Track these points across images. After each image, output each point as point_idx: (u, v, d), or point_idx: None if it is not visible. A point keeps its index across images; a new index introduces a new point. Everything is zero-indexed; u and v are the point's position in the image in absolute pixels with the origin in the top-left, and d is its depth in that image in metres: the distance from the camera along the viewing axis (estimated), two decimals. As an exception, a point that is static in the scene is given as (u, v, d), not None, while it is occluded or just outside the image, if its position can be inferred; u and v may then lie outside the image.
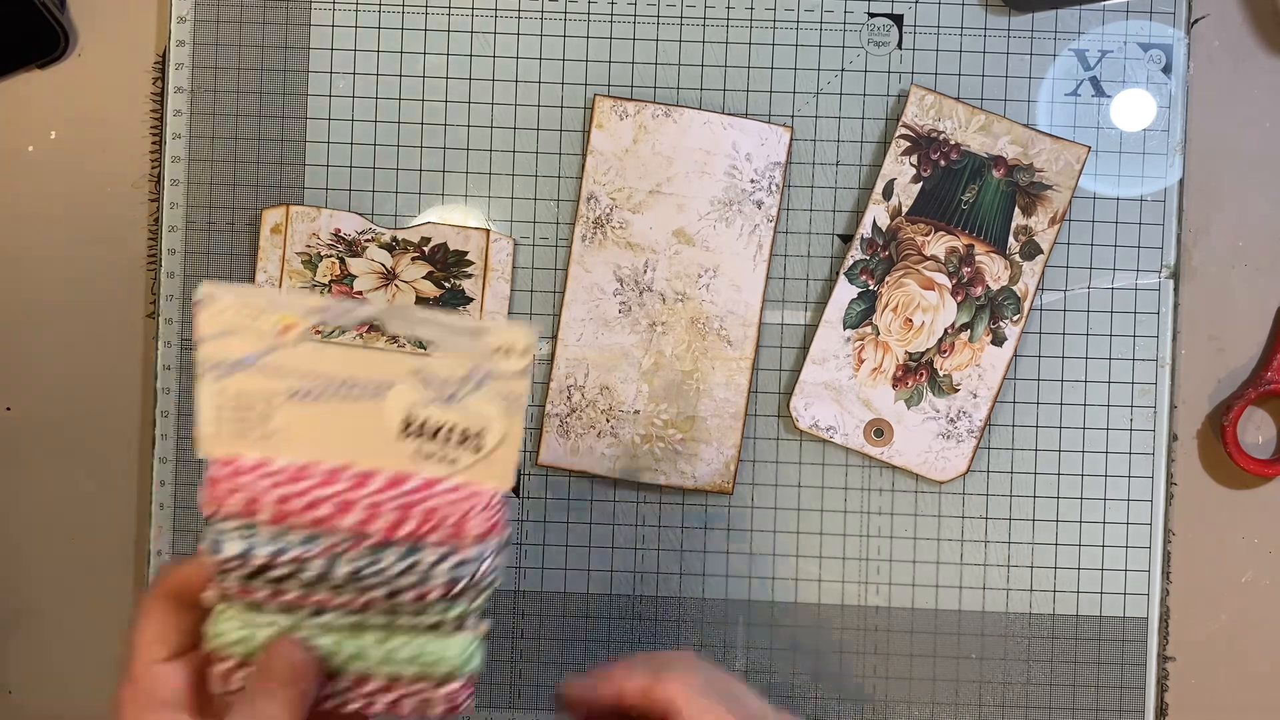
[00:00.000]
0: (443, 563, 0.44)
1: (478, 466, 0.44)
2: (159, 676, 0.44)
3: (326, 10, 0.64)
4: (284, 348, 0.43)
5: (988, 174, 0.63)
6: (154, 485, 0.65)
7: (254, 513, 0.43)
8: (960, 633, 0.64)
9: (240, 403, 0.43)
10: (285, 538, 0.43)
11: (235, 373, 0.43)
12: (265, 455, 0.44)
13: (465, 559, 0.44)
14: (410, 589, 0.44)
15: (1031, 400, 0.64)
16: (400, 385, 0.44)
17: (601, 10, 0.64)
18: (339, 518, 0.43)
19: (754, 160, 0.63)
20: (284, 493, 0.43)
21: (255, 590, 0.44)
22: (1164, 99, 0.64)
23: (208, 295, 0.42)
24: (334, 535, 0.43)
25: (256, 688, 0.43)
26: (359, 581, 0.43)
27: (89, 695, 0.66)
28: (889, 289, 0.63)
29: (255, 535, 0.43)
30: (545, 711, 0.65)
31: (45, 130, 0.65)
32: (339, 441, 0.44)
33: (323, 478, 0.43)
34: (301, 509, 0.43)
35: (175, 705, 0.44)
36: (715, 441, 0.64)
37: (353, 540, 0.43)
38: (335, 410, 0.44)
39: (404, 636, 0.45)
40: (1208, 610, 0.65)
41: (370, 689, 0.45)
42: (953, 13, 0.64)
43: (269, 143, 0.64)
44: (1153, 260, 0.64)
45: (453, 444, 0.44)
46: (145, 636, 0.45)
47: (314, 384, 0.43)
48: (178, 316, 0.64)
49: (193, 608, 0.45)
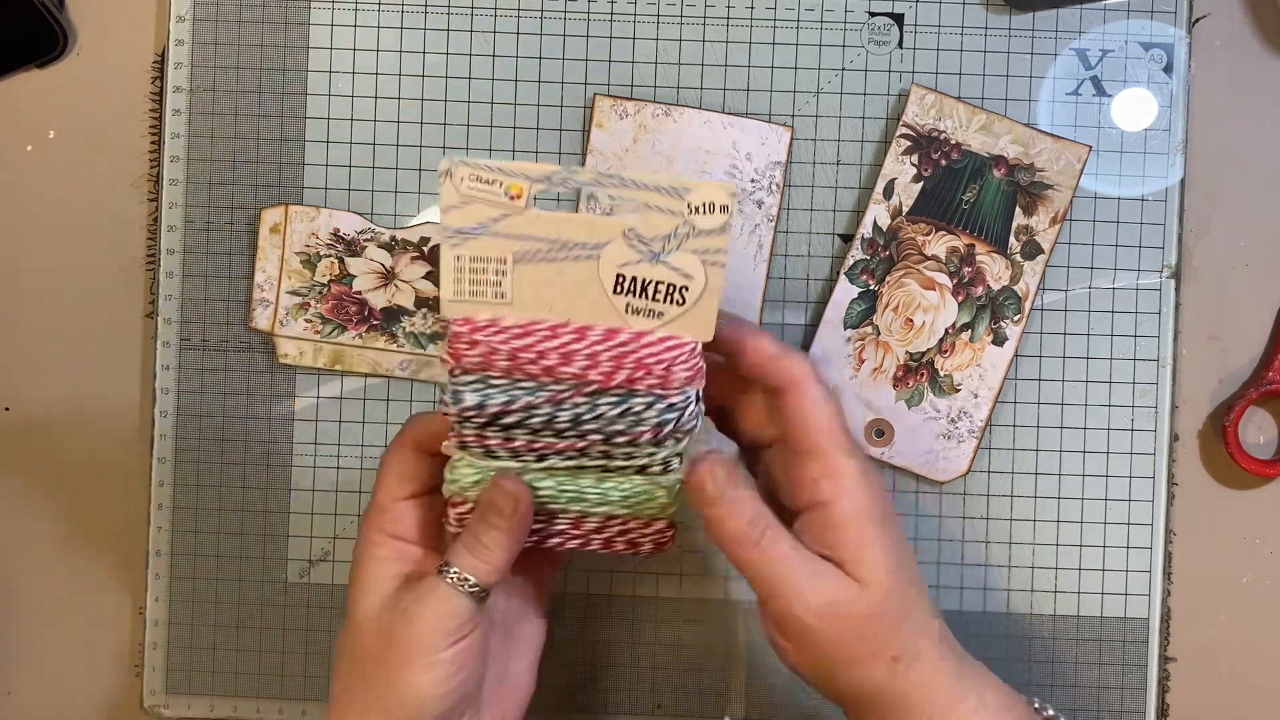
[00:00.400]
0: (652, 408, 0.49)
1: (681, 320, 0.49)
2: (398, 511, 0.51)
3: (326, 10, 0.64)
4: (513, 214, 0.48)
5: (988, 173, 0.63)
6: (154, 485, 0.65)
7: (489, 366, 0.49)
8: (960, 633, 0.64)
9: (476, 266, 0.49)
10: (515, 388, 0.49)
11: (472, 238, 0.48)
12: (496, 314, 0.49)
13: (671, 404, 0.49)
14: (623, 432, 0.49)
15: (1032, 400, 0.64)
16: (612, 245, 0.48)
17: (601, 10, 0.64)
18: (562, 367, 0.49)
19: (754, 160, 0.63)
20: (515, 346, 0.49)
21: (488, 438, 0.50)
22: (1165, 98, 0.63)
23: (448, 167, 0.47)
24: (558, 384, 0.49)
25: (479, 520, 0.50)
26: (579, 426, 0.49)
27: (89, 695, 0.66)
28: (890, 289, 0.63)
29: (489, 386, 0.49)
30: (545, 712, 0.65)
31: (44, 130, 0.65)
32: (560, 300, 0.49)
33: (547, 331, 0.49)
34: (530, 360, 0.49)
35: (408, 536, 0.52)
36: (715, 441, 0.63)
37: (574, 388, 0.49)
38: (556, 271, 0.49)
39: (618, 478, 0.50)
40: (1209, 611, 0.65)
41: (587, 528, 0.52)
42: (954, 12, 0.63)
43: (268, 143, 0.64)
44: (1154, 260, 0.64)
45: (660, 299, 0.49)
46: (389, 478, 0.52)
47: (537, 246, 0.48)
48: (177, 316, 0.64)
49: (432, 456, 0.51)
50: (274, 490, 0.65)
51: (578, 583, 0.65)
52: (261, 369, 0.64)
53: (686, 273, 0.48)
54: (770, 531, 0.50)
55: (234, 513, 0.65)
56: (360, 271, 0.64)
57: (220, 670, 0.65)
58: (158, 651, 0.65)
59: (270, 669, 0.65)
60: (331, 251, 0.64)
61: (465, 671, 0.50)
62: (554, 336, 0.49)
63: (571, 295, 0.49)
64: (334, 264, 0.64)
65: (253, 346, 0.64)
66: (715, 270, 0.48)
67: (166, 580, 0.65)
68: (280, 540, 0.65)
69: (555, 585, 0.60)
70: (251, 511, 0.65)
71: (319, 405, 0.65)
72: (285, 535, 0.65)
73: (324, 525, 0.64)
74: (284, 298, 0.64)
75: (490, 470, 0.50)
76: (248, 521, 0.65)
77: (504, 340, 0.49)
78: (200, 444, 0.65)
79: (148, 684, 0.65)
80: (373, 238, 0.64)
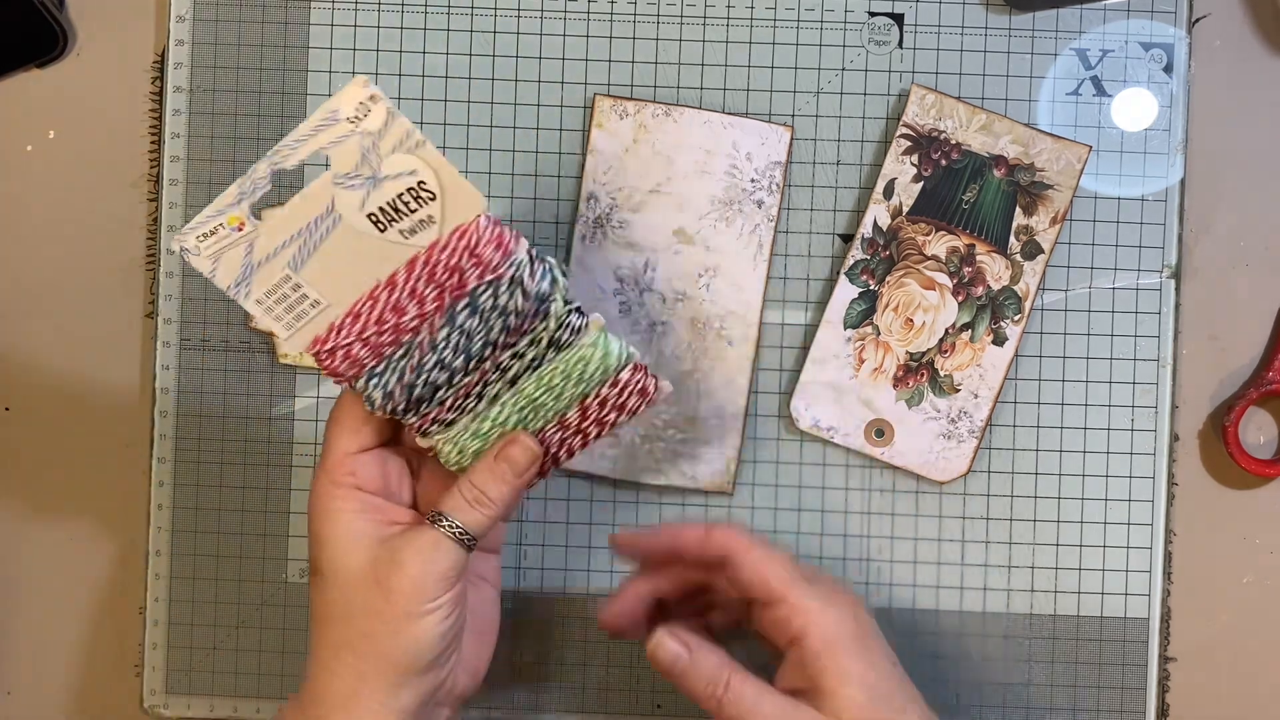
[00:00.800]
0: (498, 295, 0.51)
1: (448, 209, 0.50)
2: (354, 464, 0.53)
3: (326, 10, 0.64)
4: (254, 237, 0.50)
5: (989, 173, 0.63)
6: (154, 485, 0.65)
7: (358, 362, 0.51)
8: (961, 633, 0.64)
9: (277, 296, 0.51)
10: (393, 362, 0.51)
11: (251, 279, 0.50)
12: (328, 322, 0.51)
13: (508, 279, 0.50)
14: (506, 329, 0.51)
15: (1032, 400, 0.64)
16: (338, 198, 0.49)
17: (601, 10, 0.64)
18: (401, 319, 0.50)
19: (754, 160, 0.63)
20: (357, 331, 0.51)
21: (428, 413, 0.52)
22: (1165, 98, 0.63)
23: (177, 247, 0.49)
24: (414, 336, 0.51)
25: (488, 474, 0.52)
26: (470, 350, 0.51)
27: (89, 695, 0.66)
28: (890, 289, 0.63)
29: (376, 377, 0.51)
30: (546, 712, 0.65)
31: (44, 130, 0.65)
32: (359, 274, 0.50)
33: (368, 302, 0.50)
34: (376, 334, 0.51)
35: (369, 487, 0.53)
36: (715, 441, 0.63)
37: (426, 327, 0.51)
38: (330, 253, 0.50)
39: (547, 367, 0.52)
40: (1209, 611, 0.65)
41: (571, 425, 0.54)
42: (954, 12, 0.63)
43: (268, 143, 0.64)
44: (1154, 260, 0.64)
45: (414, 207, 0.50)
46: (342, 434, 0.53)
47: (295, 244, 0.50)
48: (177, 316, 0.64)
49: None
50: (274, 490, 0.65)
51: (578, 583, 0.65)
52: (261, 369, 0.64)
53: (404, 171, 0.49)
54: (735, 681, 0.51)
55: (234, 513, 0.65)
56: (360, 271, 0.64)
57: (220, 670, 0.65)
58: (158, 651, 0.65)
59: (270, 669, 0.65)
60: (331, 251, 0.64)
61: (455, 615, 0.52)
62: (375, 302, 0.50)
63: (360, 262, 0.50)
64: (333, 264, 0.64)
65: (253, 346, 0.64)
66: (424, 150, 0.49)
67: (166, 580, 0.65)
68: (280, 540, 0.65)
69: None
70: (251, 511, 0.65)
71: (319, 405, 0.65)
72: (285, 535, 0.65)
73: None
74: (284, 298, 0.64)
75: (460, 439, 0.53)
76: (248, 521, 0.65)
77: (346, 336, 0.51)
78: (200, 444, 0.65)
79: (148, 684, 0.65)
80: (372, 238, 0.64)
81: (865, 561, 0.64)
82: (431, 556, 0.51)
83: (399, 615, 0.50)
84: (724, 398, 0.63)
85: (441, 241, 0.50)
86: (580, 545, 0.64)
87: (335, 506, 0.52)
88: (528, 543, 0.65)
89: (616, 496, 0.64)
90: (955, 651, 0.64)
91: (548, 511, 0.65)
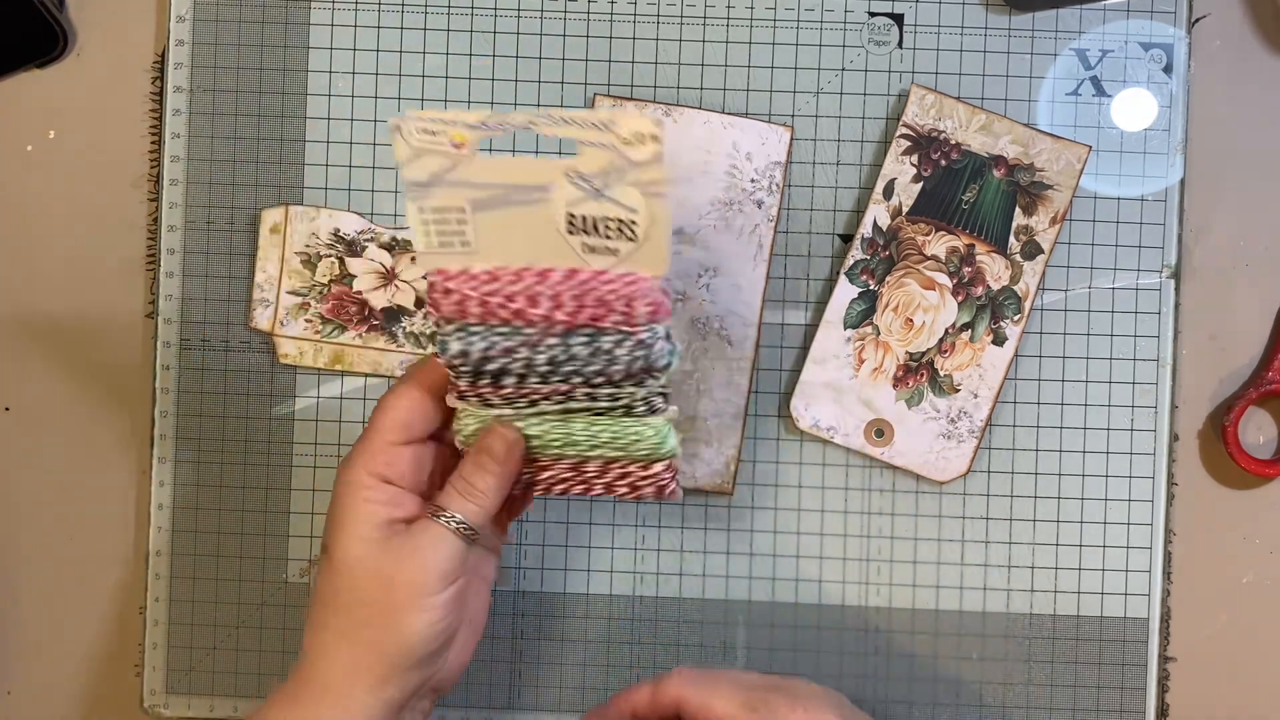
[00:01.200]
0: (621, 345, 0.51)
1: (635, 256, 0.50)
2: (393, 455, 0.52)
3: (326, 10, 0.64)
4: (461, 163, 0.49)
5: (988, 174, 0.63)
6: (154, 485, 0.65)
7: (465, 313, 0.51)
8: (961, 633, 0.64)
9: (438, 217, 0.50)
10: (492, 334, 0.51)
11: (430, 189, 0.50)
12: (465, 264, 0.51)
13: (640, 340, 0.51)
14: (600, 372, 0.51)
15: (1032, 400, 0.64)
16: (557, 187, 0.49)
17: (601, 10, 0.64)
18: (530, 309, 0.50)
19: (754, 160, 0.63)
20: (484, 291, 0.50)
21: (480, 387, 0.52)
22: (1165, 98, 0.63)
23: (397, 123, 0.48)
24: (530, 328, 0.51)
25: (471, 464, 0.52)
26: (558, 369, 0.51)
27: (89, 695, 0.66)
28: (889, 289, 0.63)
29: (470, 334, 0.51)
30: (546, 712, 0.65)
31: (44, 130, 0.65)
32: (521, 245, 0.50)
33: (512, 276, 0.51)
34: (499, 305, 0.51)
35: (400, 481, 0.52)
36: (715, 441, 0.63)
37: (545, 330, 0.51)
38: (512, 217, 0.50)
39: (606, 420, 0.53)
40: (1209, 611, 0.65)
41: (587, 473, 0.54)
42: (953, 12, 0.63)
43: (268, 143, 0.64)
44: (1154, 260, 0.64)
45: (611, 235, 0.50)
46: (390, 424, 0.52)
47: (490, 193, 0.50)
48: (177, 316, 0.64)
49: (436, 401, 0.53)
50: (274, 490, 0.65)
51: (578, 583, 0.65)
52: (261, 369, 0.64)
53: (630, 206, 0.49)
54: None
55: (234, 513, 0.65)
56: (360, 271, 0.64)
57: (220, 670, 0.65)
58: (158, 651, 0.65)
59: (270, 669, 0.65)
60: (332, 251, 0.64)
61: (454, 613, 0.52)
62: (519, 280, 0.50)
63: (530, 240, 0.50)
64: (334, 264, 0.64)
65: (253, 346, 0.64)
66: (657, 202, 0.49)
67: (166, 580, 0.65)
68: (280, 540, 0.65)
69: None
70: (251, 511, 0.65)
71: (319, 405, 0.65)
72: (285, 535, 0.65)
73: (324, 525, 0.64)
74: (284, 298, 0.64)
75: (489, 419, 0.53)
76: (248, 521, 0.65)
77: (474, 287, 0.51)
78: (200, 444, 0.65)
79: (148, 684, 0.65)
80: (373, 238, 0.64)
81: (865, 561, 0.64)
82: (432, 549, 0.51)
83: (396, 606, 0.51)
84: (724, 398, 0.63)
85: (611, 275, 0.50)
86: (580, 545, 0.64)
87: (360, 494, 0.52)
88: (528, 543, 0.65)
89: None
90: (956, 651, 0.64)
91: (548, 511, 0.65)
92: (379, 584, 0.51)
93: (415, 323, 0.64)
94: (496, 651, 0.64)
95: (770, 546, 0.64)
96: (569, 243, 0.50)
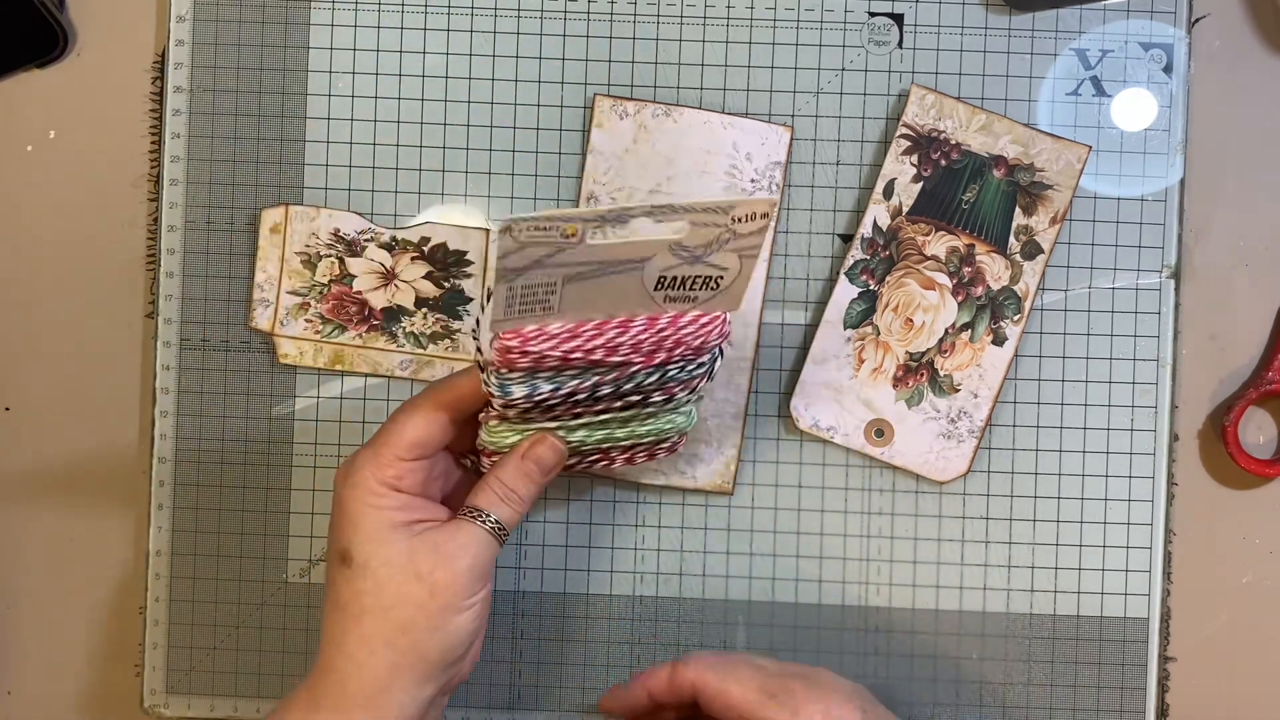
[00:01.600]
0: (684, 370, 0.53)
1: (711, 301, 0.52)
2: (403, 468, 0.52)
3: (326, 10, 0.64)
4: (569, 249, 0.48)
5: (988, 174, 0.63)
6: (154, 485, 0.65)
7: (539, 368, 0.51)
8: (961, 633, 0.64)
9: (526, 292, 0.49)
10: (559, 377, 0.51)
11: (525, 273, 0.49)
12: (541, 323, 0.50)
13: (701, 363, 0.53)
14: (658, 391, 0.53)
15: (1032, 400, 0.64)
16: (657, 257, 0.50)
17: (601, 10, 0.64)
18: (609, 358, 0.51)
19: (754, 160, 0.63)
20: (565, 350, 0.50)
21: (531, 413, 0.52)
22: (1165, 98, 0.63)
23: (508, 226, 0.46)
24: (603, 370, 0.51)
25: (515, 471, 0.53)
26: (619, 395, 0.52)
27: (89, 695, 0.66)
28: (889, 289, 0.63)
29: (533, 379, 0.51)
30: (545, 712, 0.65)
31: (44, 130, 0.65)
32: (603, 302, 0.51)
33: (594, 331, 0.51)
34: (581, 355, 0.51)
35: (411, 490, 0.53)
36: (715, 441, 0.63)
37: (618, 371, 0.52)
38: (604, 282, 0.50)
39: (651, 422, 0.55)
40: (1209, 611, 0.65)
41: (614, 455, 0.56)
42: (953, 12, 0.63)
43: (268, 143, 0.64)
44: (1154, 260, 0.64)
45: (696, 289, 0.51)
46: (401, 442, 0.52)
47: (588, 268, 0.49)
48: (177, 316, 0.64)
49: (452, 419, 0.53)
50: (274, 490, 0.65)
51: (577, 582, 0.65)
52: (261, 369, 0.64)
53: (724, 266, 0.50)
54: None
55: (234, 513, 0.65)
56: (360, 271, 0.64)
57: (220, 670, 0.65)
58: (158, 651, 0.65)
59: (270, 669, 0.65)
60: (332, 251, 0.64)
61: (486, 610, 0.54)
62: (600, 334, 0.51)
63: (614, 297, 0.50)
64: (334, 264, 0.64)
65: (253, 346, 0.64)
66: (750, 261, 0.51)
67: (166, 580, 0.65)
68: (280, 540, 0.65)
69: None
70: (251, 511, 0.65)
71: (319, 405, 0.65)
72: (285, 535, 0.65)
73: (324, 525, 0.64)
74: (284, 298, 0.64)
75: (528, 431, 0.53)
76: (248, 521, 0.65)
77: (553, 346, 0.50)
78: (200, 444, 0.65)
79: (148, 684, 0.65)
80: (373, 238, 0.64)
81: (865, 562, 0.64)
82: (476, 551, 0.52)
83: (442, 609, 0.51)
84: (724, 398, 0.63)
85: (687, 319, 0.52)
86: (580, 545, 0.64)
87: (372, 501, 0.52)
88: (528, 543, 0.65)
89: (617, 496, 0.64)
90: (955, 651, 0.64)
91: (548, 511, 0.65)
92: (420, 585, 0.51)
93: (415, 322, 0.64)
94: (496, 651, 0.64)
95: (770, 546, 0.64)
96: (652, 296, 0.51)
